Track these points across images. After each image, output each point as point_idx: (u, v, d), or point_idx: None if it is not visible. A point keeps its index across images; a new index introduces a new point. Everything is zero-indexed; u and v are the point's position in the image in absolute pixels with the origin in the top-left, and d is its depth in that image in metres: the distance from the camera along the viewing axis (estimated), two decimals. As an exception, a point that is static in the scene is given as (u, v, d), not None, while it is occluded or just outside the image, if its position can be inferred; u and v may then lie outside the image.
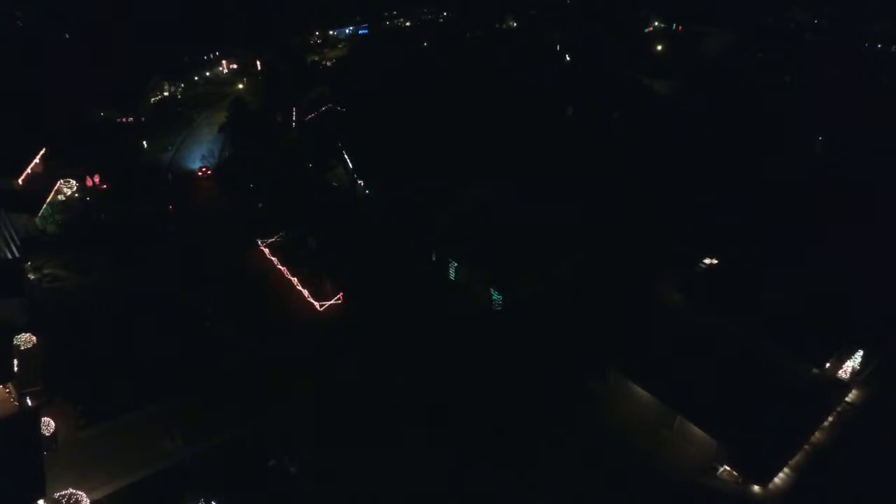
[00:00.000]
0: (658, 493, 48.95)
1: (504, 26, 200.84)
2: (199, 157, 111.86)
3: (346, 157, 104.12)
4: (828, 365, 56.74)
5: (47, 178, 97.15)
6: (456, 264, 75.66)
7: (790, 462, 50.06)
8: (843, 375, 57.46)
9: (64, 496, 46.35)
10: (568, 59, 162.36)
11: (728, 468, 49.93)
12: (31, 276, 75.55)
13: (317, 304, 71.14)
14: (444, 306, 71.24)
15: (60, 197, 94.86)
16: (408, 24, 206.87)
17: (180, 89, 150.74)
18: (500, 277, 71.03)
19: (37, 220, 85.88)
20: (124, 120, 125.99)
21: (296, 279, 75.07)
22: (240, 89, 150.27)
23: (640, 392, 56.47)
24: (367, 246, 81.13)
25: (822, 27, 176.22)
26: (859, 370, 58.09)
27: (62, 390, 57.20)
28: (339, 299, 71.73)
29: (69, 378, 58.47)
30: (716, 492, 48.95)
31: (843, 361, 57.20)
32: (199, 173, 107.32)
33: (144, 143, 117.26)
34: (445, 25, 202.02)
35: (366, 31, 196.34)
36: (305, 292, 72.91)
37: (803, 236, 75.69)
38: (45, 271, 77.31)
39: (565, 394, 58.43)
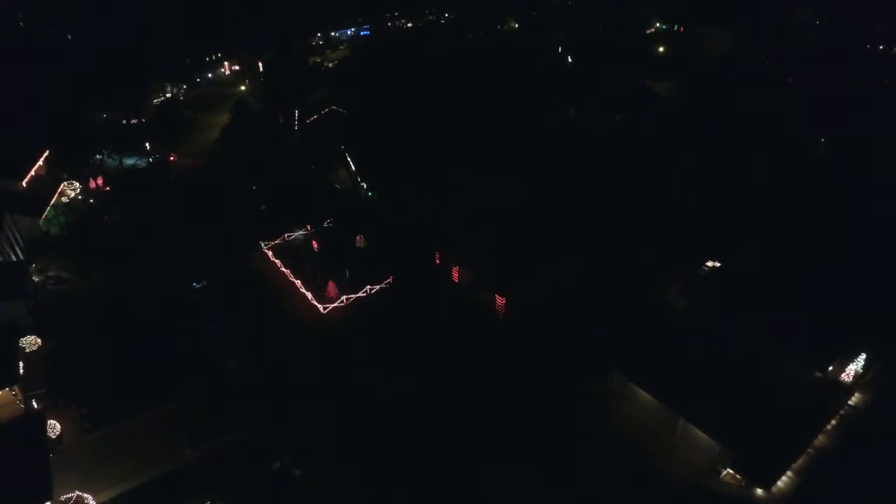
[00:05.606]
0: (661, 496, 49.09)
1: (506, 27, 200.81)
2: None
3: (348, 158, 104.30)
4: (830, 368, 56.93)
5: (51, 181, 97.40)
6: (459, 267, 75.69)
7: (793, 465, 50.20)
8: (846, 379, 57.64)
9: (70, 498, 46.62)
10: (570, 60, 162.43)
11: (731, 471, 50.11)
12: (36, 279, 75.75)
13: (320, 307, 71.32)
14: (447, 309, 71.35)
15: (64, 199, 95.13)
16: (409, 25, 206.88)
17: (182, 91, 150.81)
18: (503, 280, 71.17)
19: (40, 222, 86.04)
20: (126, 122, 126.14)
21: (298, 281, 75.26)
22: (242, 91, 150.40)
23: (643, 395, 56.63)
24: (370, 247, 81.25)
25: (823, 27, 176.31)
26: (862, 373, 58.24)
27: (68, 393, 57.44)
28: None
29: (74, 380, 58.67)
30: (719, 495, 49.12)
31: (846, 365, 57.38)
32: (172, 158, 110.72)
33: (147, 144, 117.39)
34: (447, 26, 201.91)
35: (367, 33, 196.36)
36: (308, 295, 73.10)
37: (805, 238, 75.74)
38: (49, 273, 77.53)
39: (567, 397, 58.53)
